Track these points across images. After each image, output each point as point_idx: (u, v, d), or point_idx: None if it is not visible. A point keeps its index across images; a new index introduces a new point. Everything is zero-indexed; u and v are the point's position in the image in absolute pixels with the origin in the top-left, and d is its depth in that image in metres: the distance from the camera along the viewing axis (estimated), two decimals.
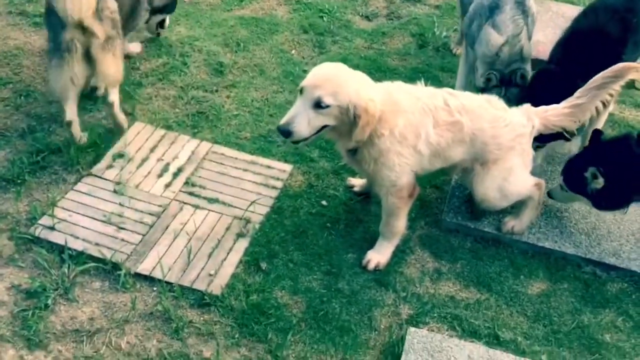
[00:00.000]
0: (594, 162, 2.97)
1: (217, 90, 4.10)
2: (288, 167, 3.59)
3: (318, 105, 2.66)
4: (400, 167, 2.85)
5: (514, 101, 3.34)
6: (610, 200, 3.01)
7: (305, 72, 4.29)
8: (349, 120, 2.69)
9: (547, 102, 3.13)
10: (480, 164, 3.01)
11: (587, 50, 3.34)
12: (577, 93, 3.03)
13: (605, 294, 3.05)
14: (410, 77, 4.31)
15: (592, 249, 3.19)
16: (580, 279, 3.11)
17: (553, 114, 3.05)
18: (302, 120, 2.67)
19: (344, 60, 4.36)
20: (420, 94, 2.89)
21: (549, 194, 3.30)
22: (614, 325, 2.92)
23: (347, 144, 2.82)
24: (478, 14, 3.63)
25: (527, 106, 3.10)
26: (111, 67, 3.34)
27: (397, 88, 2.90)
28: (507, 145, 2.97)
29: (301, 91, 2.71)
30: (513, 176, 3.04)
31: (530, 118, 3.03)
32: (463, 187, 3.47)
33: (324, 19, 4.88)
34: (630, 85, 4.53)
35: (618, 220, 3.35)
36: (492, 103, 3.01)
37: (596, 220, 3.34)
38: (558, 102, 3.11)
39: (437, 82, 4.30)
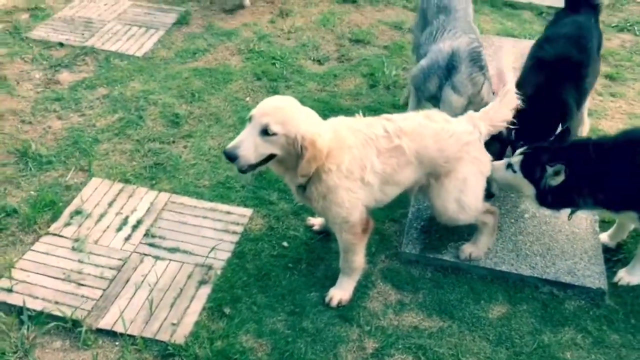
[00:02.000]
0: (559, 158, 3.00)
1: (174, 141, 4.15)
2: (248, 212, 3.63)
3: (265, 132, 2.67)
4: (350, 202, 2.89)
5: (496, 156, 3.35)
6: (556, 199, 3.08)
7: None
8: (295, 152, 2.72)
9: (532, 132, 3.25)
10: (434, 179, 3.06)
11: (554, 77, 3.51)
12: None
13: (564, 312, 3.11)
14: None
15: (547, 269, 3.27)
16: (538, 299, 3.18)
17: (494, 112, 3.11)
18: (249, 146, 2.67)
19: None
20: (360, 125, 2.95)
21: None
22: (574, 342, 2.98)
23: (295, 179, 2.86)
24: (435, 74, 3.61)
25: (470, 113, 3.16)
26: None
27: (339, 123, 2.95)
28: (455, 157, 3.01)
29: (250, 119, 2.74)
30: (468, 186, 3.07)
31: (476, 124, 3.07)
32: (420, 218, 3.55)
33: (277, 65, 5.01)
34: None
35: (571, 240, 3.45)
36: (432, 118, 3.04)
37: (550, 242, 3.44)
38: (542, 130, 3.24)
39: None
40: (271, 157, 2.77)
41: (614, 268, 3.33)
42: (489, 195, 3.63)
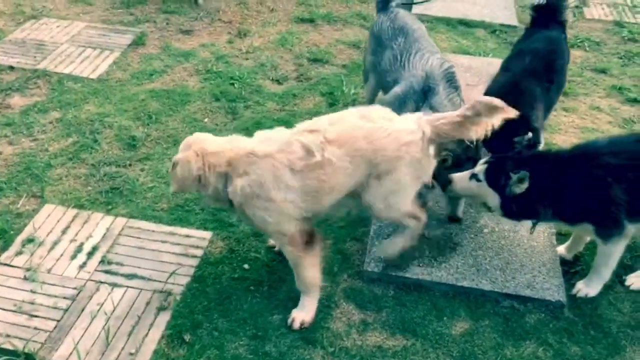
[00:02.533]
0: (524, 166, 3.04)
1: (130, 164, 4.07)
2: (207, 235, 3.57)
3: None
4: (272, 213, 2.87)
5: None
6: (520, 208, 3.12)
7: None
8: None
9: (497, 144, 3.26)
10: (375, 178, 2.99)
11: (522, 90, 3.60)
12: (468, 106, 3.01)
13: (525, 326, 3.14)
14: None
15: (507, 283, 3.30)
16: (499, 314, 3.20)
17: (444, 123, 2.99)
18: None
19: (258, 124, 4.50)
20: (278, 137, 2.94)
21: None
22: (536, 356, 3.00)
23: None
24: (411, 99, 3.50)
25: (419, 114, 3.11)
26: None
27: (260, 136, 2.98)
28: (393, 156, 2.92)
29: None
30: (400, 188, 3.02)
31: (421, 125, 2.98)
32: (382, 236, 3.54)
33: (235, 85, 4.98)
34: None
35: (529, 253, 3.49)
36: (369, 117, 2.97)
37: (509, 256, 3.47)
38: (507, 142, 3.24)
39: None
40: None
41: (572, 280, 3.38)
42: (454, 219, 3.66)
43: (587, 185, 3.04)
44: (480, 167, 3.22)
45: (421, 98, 3.44)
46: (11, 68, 4.96)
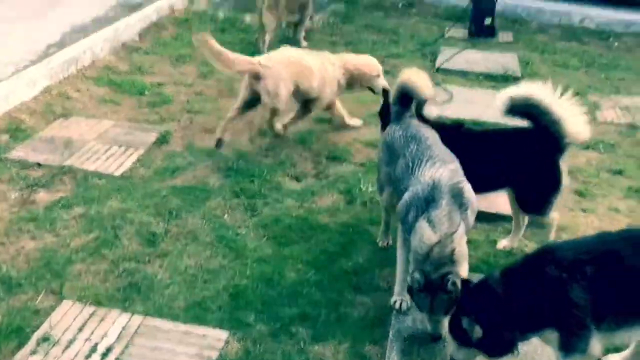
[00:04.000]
0: (466, 311, 2.95)
1: (149, 261, 4.09)
2: (224, 335, 3.51)
3: None
4: None
5: (441, 311, 3.19)
6: (497, 346, 2.96)
7: (238, 235, 4.39)
8: None
9: None
10: None
11: None
12: None
13: None
14: (341, 232, 4.49)
15: None
16: None
17: None
18: None
19: (276, 221, 4.54)
20: None
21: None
22: None
23: None
24: (414, 205, 3.37)
25: None
26: None
27: None
28: None
29: None
30: None
31: None
32: (401, 339, 3.45)
33: (255, 182, 5.07)
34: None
35: None
36: None
37: None
38: None
39: (368, 235, 4.47)
40: None
41: None
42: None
43: (541, 286, 2.85)
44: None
45: (423, 207, 3.30)
46: (39, 165, 5.12)
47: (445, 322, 3.24)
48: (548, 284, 2.84)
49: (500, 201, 4.52)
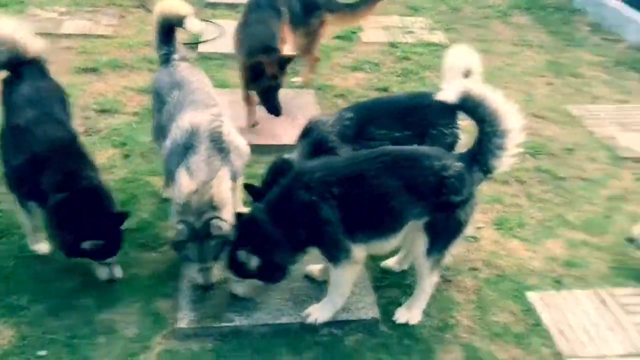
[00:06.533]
0: (241, 244, 3.08)
1: None
2: None
3: None
4: None
5: (210, 258, 3.18)
6: (274, 270, 3.15)
7: None
8: None
9: None
10: None
11: None
12: None
13: (344, 349, 3.17)
14: (121, 189, 4.24)
15: None
16: (320, 343, 3.19)
17: None
18: None
19: None
20: None
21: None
22: None
23: None
24: (174, 153, 3.30)
25: None
26: None
27: None
28: None
29: None
30: None
31: None
32: (193, 289, 3.38)
33: None
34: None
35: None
36: None
37: (323, 283, 3.49)
38: None
39: (150, 187, 4.26)
40: None
41: (385, 294, 3.50)
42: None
43: (296, 209, 3.03)
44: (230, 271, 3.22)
45: (182, 153, 3.24)
46: None
47: (215, 269, 3.26)
48: (302, 208, 3.01)
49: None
